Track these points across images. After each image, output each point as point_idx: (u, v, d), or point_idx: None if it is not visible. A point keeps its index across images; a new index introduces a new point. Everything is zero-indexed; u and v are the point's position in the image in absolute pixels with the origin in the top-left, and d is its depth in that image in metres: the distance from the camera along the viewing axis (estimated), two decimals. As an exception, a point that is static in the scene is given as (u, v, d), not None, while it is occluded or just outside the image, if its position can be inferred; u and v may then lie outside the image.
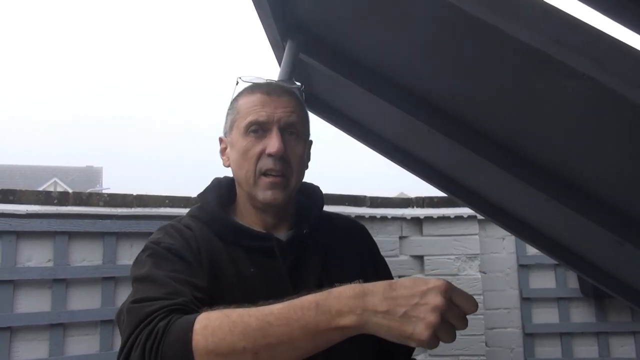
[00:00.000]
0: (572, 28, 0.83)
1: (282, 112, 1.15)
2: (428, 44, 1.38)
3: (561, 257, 2.38)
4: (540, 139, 1.47)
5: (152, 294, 0.96)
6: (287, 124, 1.15)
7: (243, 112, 1.16)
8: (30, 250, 2.70)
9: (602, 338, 3.56)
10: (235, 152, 1.17)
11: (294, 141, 1.17)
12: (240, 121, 1.16)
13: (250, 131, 1.14)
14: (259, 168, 1.14)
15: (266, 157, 1.13)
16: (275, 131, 1.13)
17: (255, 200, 1.17)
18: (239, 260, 1.12)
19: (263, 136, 1.14)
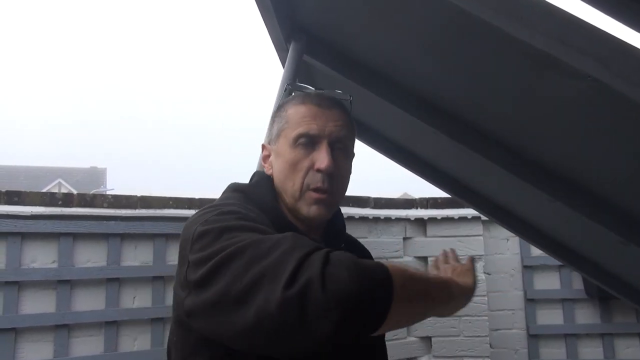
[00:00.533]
0: (575, 28, 0.83)
1: (333, 126, 1.11)
2: (432, 45, 1.38)
3: (565, 258, 2.37)
4: (544, 140, 1.47)
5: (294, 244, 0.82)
6: (337, 139, 1.11)
7: (293, 123, 1.12)
8: (34, 252, 2.71)
9: (607, 339, 3.55)
10: (282, 162, 1.13)
11: (342, 157, 1.13)
12: (289, 131, 1.12)
13: (299, 143, 1.10)
14: (307, 183, 1.10)
15: (314, 173, 1.09)
16: (325, 146, 1.09)
17: (297, 212, 1.13)
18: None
19: (312, 149, 1.10)
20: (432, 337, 3.46)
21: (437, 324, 3.45)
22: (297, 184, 1.10)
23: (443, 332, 3.45)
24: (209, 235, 0.89)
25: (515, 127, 1.53)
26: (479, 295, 3.46)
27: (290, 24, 1.75)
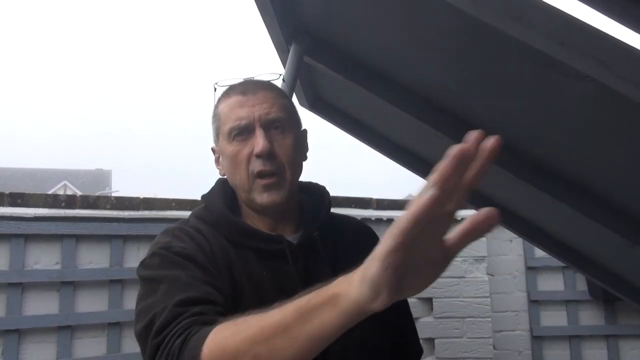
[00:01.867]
0: (575, 29, 0.83)
1: (259, 109, 1.11)
2: (433, 46, 1.38)
3: (569, 260, 2.36)
4: (546, 141, 1.47)
5: (175, 300, 0.93)
6: (269, 120, 1.11)
7: (224, 118, 1.13)
8: (38, 253, 2.72)
9: (611, 341, 3.53)
10: (226, 160, 1.14)
11: (279, 135, 1.12)
12: (223, 127, 1.13)
13: (234, 136, 1.11)
14: (251, 171, 1.10)
15: (255, 159, 1.09)
16: (259, 130, 1.09)
17: (254, 203, 1.13)
18: (250, 263, 1.09)
19: (248, 138, 1.10)
20: (435, 339, 3.45)
21: (439, 326, 3.44)
22: (243, 176, 1.11)
23: (446, 334, 3.44)
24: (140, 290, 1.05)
25: (518, 127, 1.52)
26: (482, 296, 3.45)
27: (291, 25, 1.75)
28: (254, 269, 1.09)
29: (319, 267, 1.14)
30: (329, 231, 1.20)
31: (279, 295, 1.05)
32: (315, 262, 1.15)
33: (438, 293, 3.47)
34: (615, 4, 0.87)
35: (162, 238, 1.11)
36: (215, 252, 1.07)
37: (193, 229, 1.12)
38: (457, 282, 3.46)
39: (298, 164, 1.17)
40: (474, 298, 3.45)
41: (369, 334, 1.15)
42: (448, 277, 3.47)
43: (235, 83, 1.18)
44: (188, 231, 1.11)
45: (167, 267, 1.02)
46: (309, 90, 2.26)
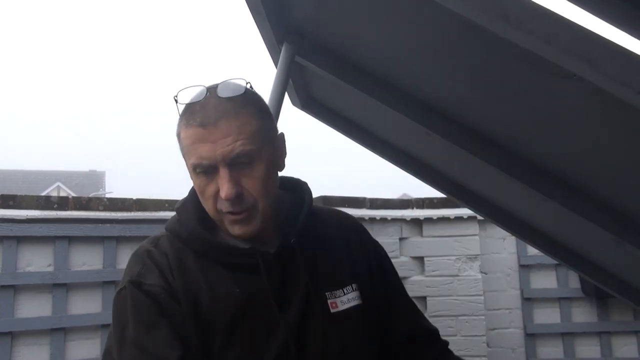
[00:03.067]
0: (561, 28, 0.84)
1: (222, 145, 1.00)
2: (423, 45, 1.39)
3: (561, 257, 2.37)
4: (536, 139, 1.48)
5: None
6: (233, 158, 1.01)
7: (186, 150, 1.06)
8: (30, 255, 2.71)
9: (604, 338, 3.55)
10: (195, 187, 1.10)
11: (248, 170, 1.04)
12: (187, 159, 1.06)
13: (198, 172, 1.04)
14: (219, 209, 1.06)
15: (221, 199, 1.04)
16: (223, 171, 1.02)
17: (228, 231, 1.09)
18: (221, 281, 1.07)
19: (213, 176, 1.03)
20: (430, 337, 3.45)
21: (434, 324, 3.44)
22: (211, 211, 1.08)
23: (440, 332, 3.44)
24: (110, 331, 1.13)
25: (508, 126, 1.53)
26: (476, 294, 3.47)
27: (283, 25, 1.75)
28: (227, 286, 1.07)
29: (295, 275, 1.11)
30: (310, 231, 1.16)
31: (252, 310, 1.06)
32: (291, 269, 1.11)
33: (432, 292, 3.48)
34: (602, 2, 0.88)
35: (133, 265, 1.12)
36: (178, 290, 1.06)
37: (162, 255, 1.10)
38: (450, 281, 3.47)
39: (271, 190, 1.09)
40: (468, 296, 3.46)
41: (349, 344, 1.13)
42: (442, 276, 3.48)
43: (195, 102, 1.05)
44: (157, 258, 1.10)
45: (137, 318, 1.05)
46: (301, 90, 2.26)
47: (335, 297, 1.12)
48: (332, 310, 1.11)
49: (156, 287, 1.06)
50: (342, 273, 1.16)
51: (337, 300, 1.12)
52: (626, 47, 0.81)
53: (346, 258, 1.20)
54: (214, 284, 1.07)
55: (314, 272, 1.13)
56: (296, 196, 1.20)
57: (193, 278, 1.07)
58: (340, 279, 1.16)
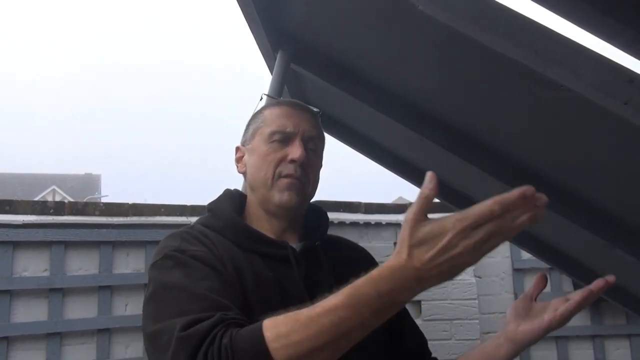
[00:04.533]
0: (548, 40, 0.86)
1: (306, 125, 1.18)
2: (416, 54, 1.41)
3: (554, 261, 2.40)
4: (527, 146, 1.50)
5: (196, 307, 0.94)
6: (310, 137, 1.18)
7: (268, 121, 1.19)
8: (26, 260, 2.71)
9: (597, 341, 3.58)
10: (255, 157, 1.18)
11: (313, 156, 1.19)
12: (265, 129, 1.18)
13: (274, 139, 1.16)
14: (279, 171, 1.15)
15: (287, 163, 1.15)
16: (299, 141, 1.16)
17: (269, 203, 1.17)
18: (256, 266, 1.12)
19: (285, 145, 1.16)
20: (424, 341, 3.47)
21: (428, 328, 3.47)
22: (269, 173, 1.15)
23: (434, 336, 3.46)
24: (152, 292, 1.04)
25: (499, 133, 1.55)
26: (470, 298, 3.49)
27: (278, 33, 1.77)
28: (261, 271, 1.11)
29: (322, 274, 1.18)
30: (329, 245, 1.25)
31: (283, 298, 1.09)
32: (317, 269, 1.18)
33: (426, 296, 3.50)
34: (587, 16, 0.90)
35: (170, 242, 1.11)
36: (222, 256, 1.08)
37: (200, 233, 1.13)
38: (445, 285, 3.46)
39: (316, 185, 1.23)
40: (462, 300, 3.48)
41: (367, 342, 1.17)
42: (436, 280, 3.50)
43: (284, 98, 1.24)
44: (195, 234, 1.12)
45: (186, 272, 1.02)
46: (295, 96, 2.28)
47: None
48: None
49: (202, 252, 1.06)
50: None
51: None
52: (611, 59, 0.83)
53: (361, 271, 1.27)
54: (251, 266, 1.10)
55: (336, 277, 1.17)
56: (317, 216, 1.31)
57: (235, 255, 1.10)
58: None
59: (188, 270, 1.02)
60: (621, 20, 0.87)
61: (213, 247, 1.09)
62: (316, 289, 1.14)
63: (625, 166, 1.18)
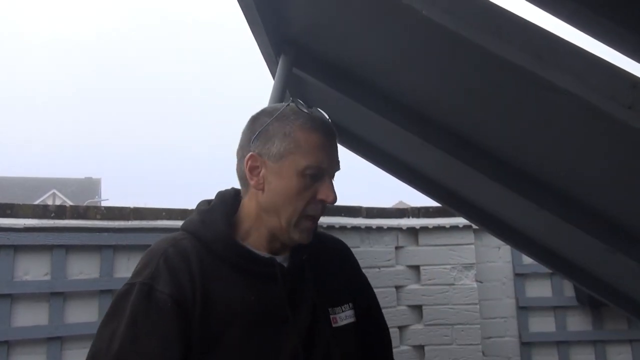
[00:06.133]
0: (552, 45, 0.86)
1: (334, 159, 1.16)
2: (417, 58, 1.41)
3: (555, 266, 2.40)
4: (529, 151, 1.50)
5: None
6: (334, 173, 1.17)
7: (304, 150, 1.12)
8: (27, 264, 2.71)
9: (598, 346, 3.57)
10: (284, 187, 1.13)
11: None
12: (300, 159, 1.12)
13: (307, 173, 1.12)
14: (305, 211, 1.13)
15: (316, 203, 1.13)
16: (329, 180, 1.14)
17: (284, 235, 1.15)
18: (240, 285, 1.11)
19: (316, 180, 1.13)
20: (425, 346, 3.47)
21: (429, 333, 3.46)
22: (297, 211, 1.13)
23: (436, 341, 3.46)
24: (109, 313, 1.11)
25: (502, 137, 1.55)
26: (472, 303, 3.48)
27: (280, 37, 1.77)
28: (243, 291, 1.11)
29: (305, 287, 1.19)
30: (314, 251, 1.24)
31: (266, 316, 1.10)
32: (301, 283, 1.19)
33: (428, 300, 3.50)
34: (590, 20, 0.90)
35: (147, 265, 1.11)
36: (194, 288, 1.08)
37: (180, 256, 1.12)
38: (446, 290, 3.49)
39: None
40: (463, 305, 3.48)
41: (349, 356, 1.21)
42: (437, 285, 3.50)
43: (314, 115, 1.18)
44: (172, 262, 1.10)
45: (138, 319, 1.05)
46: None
47: (336, 313, 1.22)
48: (333, 324, 1.20)
49: (165, 296, 1.06)
50: (341, 292, 1.26)
51: (337, 316, 1.22)
52: (614, 64, 0.84)
53: (343, 279, 1.31)
54: (230, 289, 1.10)
55: (319, 289, 1.21)
56: None
57: (211, 281, 1.10)
58: (339, 297, 1.25)
59: (139, 319, 1.05)
60: (625, 25, 0.88)
61: (187, 281, 1.08)
62: (299, 303, 1.16)
63: (627, 171, 1.18)
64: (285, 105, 1.19)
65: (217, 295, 1.08)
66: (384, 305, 3.39)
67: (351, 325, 1.24)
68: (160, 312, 1.05)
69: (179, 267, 1.09)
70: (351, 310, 1.25)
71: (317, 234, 1.34)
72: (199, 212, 1.21)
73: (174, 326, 1.05)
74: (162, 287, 1.07)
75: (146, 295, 1.06)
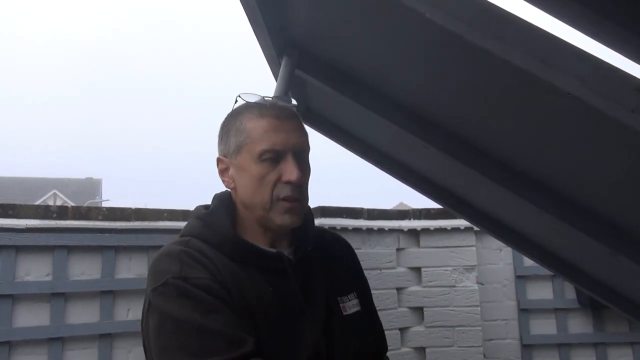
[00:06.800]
0: (556, 48, 0.86)
1: (294, 138, 1.15)
2: (421, 61, 1.41)
3: (557, 268, 2.40)
4: (531, 153, 1.50)
5: (213, 346, 0.97)
6: (300, 150, 1.16)
7: (255, 138, 1.14)
8: (29, 265, 2.71)
9: (599, 349, 3.56)
10: (248, 178, 1.15)
11: (305, 166, 1.17)
12: (253, 147, 1.13)
13: (265, 158, 1.13)
14: (276, 194, 1.13)
15: (283, 185, 1.13)
16: (291, 158, 1.13)
17: (269, 223, 1.16)
18: (256, 281, 1.12)
19: (277, 163, 1.13)
20: (426, 348, 3.46)
21: (431, 335, 3.46)
22: (266, 197, 1.13)
23: (437, 343, 3.46)
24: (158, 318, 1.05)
25: (505, 140, 1.55)
26: (473, 305, 3.48)
27: (282, 38, 1.78)
28: (260, 286, 1.12)
29: (315, 280, 1.21)
30: (317, 244, 1.27)
31: (283, 310, 1.11)
32: (311, 275, 1.21)
33: (429, 302, 3.49)
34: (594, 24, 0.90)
35: (169, 265, 1.09)
36: (227, 281, 1.07)
37: (198, 252, 1.11)
38: (447, 292, 3.49)
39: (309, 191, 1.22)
40: (464, 307, 3.47)
41: (362, 343, 1.24)
42: (438, 287, 3.50)
43: (266, 102, 1.18)
44: (194, 256, 1.09)
45: (191, 304, 1.01)
46: (300, 102, 2.28)
47: (344, 302, 1.24)
48: (344, 313, 1.23)
49: (204, 280, 1.05)
50: (346, 282, 1.30)
51: (346, 305, 1.24)
52: (618, 67, 0.84)
53: (347, 270, 1.34)
54: (248, 283, 1.10)
55: (328, 280, 1.24)
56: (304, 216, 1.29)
57: (235, 274, 1.10)
58: (346, 287, 1.29)
59: (194, 302, 1.02)
60: (629, 28, 0.88)
61: (216, 270, 1.08)
62: (311, 295, 1.18)
63: (630, 174, 1.18)
64: (234, 102, 1.21)
65: (237, 288, 1.08)
66: (385, 307, 3.40)
67: (358, 313, 1.26)
68: (207, 291, 1.03)
69: (201, 260, 1.09)
70: (356, 299, 1.28)
71: (319, 230, 1.37)
72: (199, 216, 1.21)
73: (231, 302, 1.05)
74: (195, 275, 1.05)
75: (183, 287, 1.03)
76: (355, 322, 1.24)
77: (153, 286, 1.07)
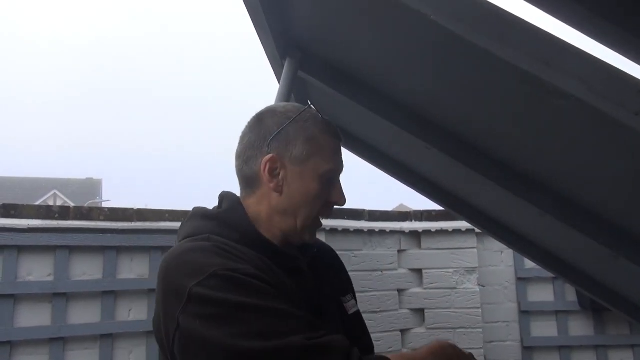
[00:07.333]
0: (559, 51, 0.86)
1: (343, 163, 1.20)
2: (421, 62, 1.41)
3: (558, 271, 2.40)
4: (533, 155, 1.50)
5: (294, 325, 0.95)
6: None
7: (326, 156, 1.14)
8: (31, 265, 2.72)
9: (600, 351, 3.57)
10: (304, 190, 1.12)
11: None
12: (321, 163, 1.13)
13: (326, 178, 1.13)
14: (319, 213, 1.16)
15: (329, 205, 1.16)
16: (340, 183, 1.18)
17: (295, 236, 1.15)
18: (281, 277, 1.10)
19: (330, 184, 1.15)
20: (427, 350, 3.46)
21: (431, 337, 3.46)
22: (313, 213, 1.15)
23: (438, 345, 3.45)
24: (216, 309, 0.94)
25: (507, 143, 1.56)
26: (474, 307, 3.48)
27: (286, 40, 1.78)
28: (285, 281, 1.10)
29: (320, 282, 1.22)
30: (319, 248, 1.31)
31: (304, 304, 1.11)
32: (318, 277, 1.23)
33: (430, 304, 3.50)
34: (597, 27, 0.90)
35: (208, 259, 1.01)
36: (265, 272, 1.04)
37: (228, 247, 1.05)
38: (448, 294, 3.49)
39: None
40: (466, 309, 3.48)
41: (366, 341, 1.29)
42: (440, 289, 3.50)
43: (326, 119, 1.21)
44: (227, 249, 1.04)
45: (250, 291, 0.96)
46: (301, 103, 2.28)
47: (346, 302, 1.29)
48: (348, 312, 1.27)
49: (252, 270, 1.00)
50: (344, 284, 1.35)
51: (347, 305, 1.28)
52: (621, 70, 0.84)
53: (341, 272, 1.40)
54: (275, 276, 1.07)
55: (330, 281, 1.28)
56: None
57: (267, 266, 1.07)
58: (344, 288, 1.34)
59: (255, 289, 0.97)
60: (632, 30, 0.88)
61: (251, 262, 1.03)
62: (325, 296, 1.22)
63: (633, 176, 1.18)
64: (301, 108, 1.18)
65: (273, 279, 1.05)
66: (386, 309, 3.41)
67: (358, 313, 1.30)
68: (261, 280, 0.99)
69: (236, 253, 1.04)
70: (353, 300, 1.32)
71: (321, 244, 1.42)
72: (209, 216, 1.16)
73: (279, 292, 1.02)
74: (241, 266, 1.00)
75: (237, 278, 0.97)
76: (358, 321, 1.29)
77: (195, 281, 0.96)
